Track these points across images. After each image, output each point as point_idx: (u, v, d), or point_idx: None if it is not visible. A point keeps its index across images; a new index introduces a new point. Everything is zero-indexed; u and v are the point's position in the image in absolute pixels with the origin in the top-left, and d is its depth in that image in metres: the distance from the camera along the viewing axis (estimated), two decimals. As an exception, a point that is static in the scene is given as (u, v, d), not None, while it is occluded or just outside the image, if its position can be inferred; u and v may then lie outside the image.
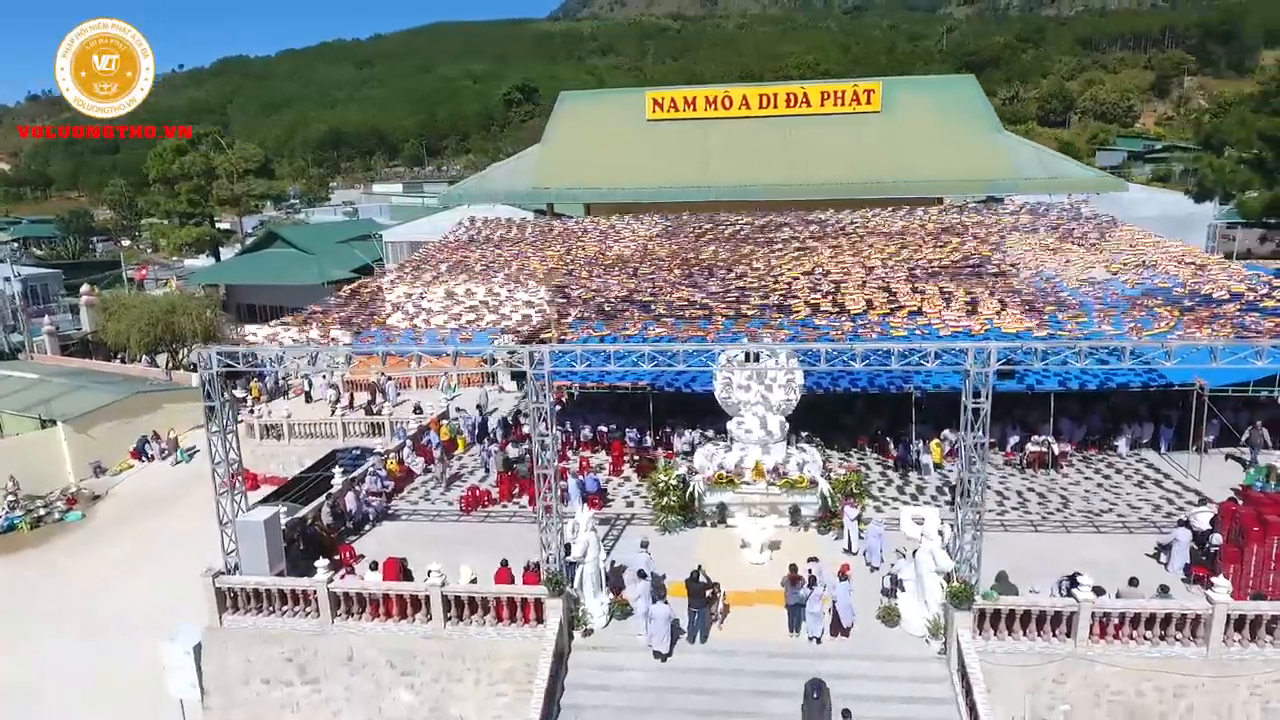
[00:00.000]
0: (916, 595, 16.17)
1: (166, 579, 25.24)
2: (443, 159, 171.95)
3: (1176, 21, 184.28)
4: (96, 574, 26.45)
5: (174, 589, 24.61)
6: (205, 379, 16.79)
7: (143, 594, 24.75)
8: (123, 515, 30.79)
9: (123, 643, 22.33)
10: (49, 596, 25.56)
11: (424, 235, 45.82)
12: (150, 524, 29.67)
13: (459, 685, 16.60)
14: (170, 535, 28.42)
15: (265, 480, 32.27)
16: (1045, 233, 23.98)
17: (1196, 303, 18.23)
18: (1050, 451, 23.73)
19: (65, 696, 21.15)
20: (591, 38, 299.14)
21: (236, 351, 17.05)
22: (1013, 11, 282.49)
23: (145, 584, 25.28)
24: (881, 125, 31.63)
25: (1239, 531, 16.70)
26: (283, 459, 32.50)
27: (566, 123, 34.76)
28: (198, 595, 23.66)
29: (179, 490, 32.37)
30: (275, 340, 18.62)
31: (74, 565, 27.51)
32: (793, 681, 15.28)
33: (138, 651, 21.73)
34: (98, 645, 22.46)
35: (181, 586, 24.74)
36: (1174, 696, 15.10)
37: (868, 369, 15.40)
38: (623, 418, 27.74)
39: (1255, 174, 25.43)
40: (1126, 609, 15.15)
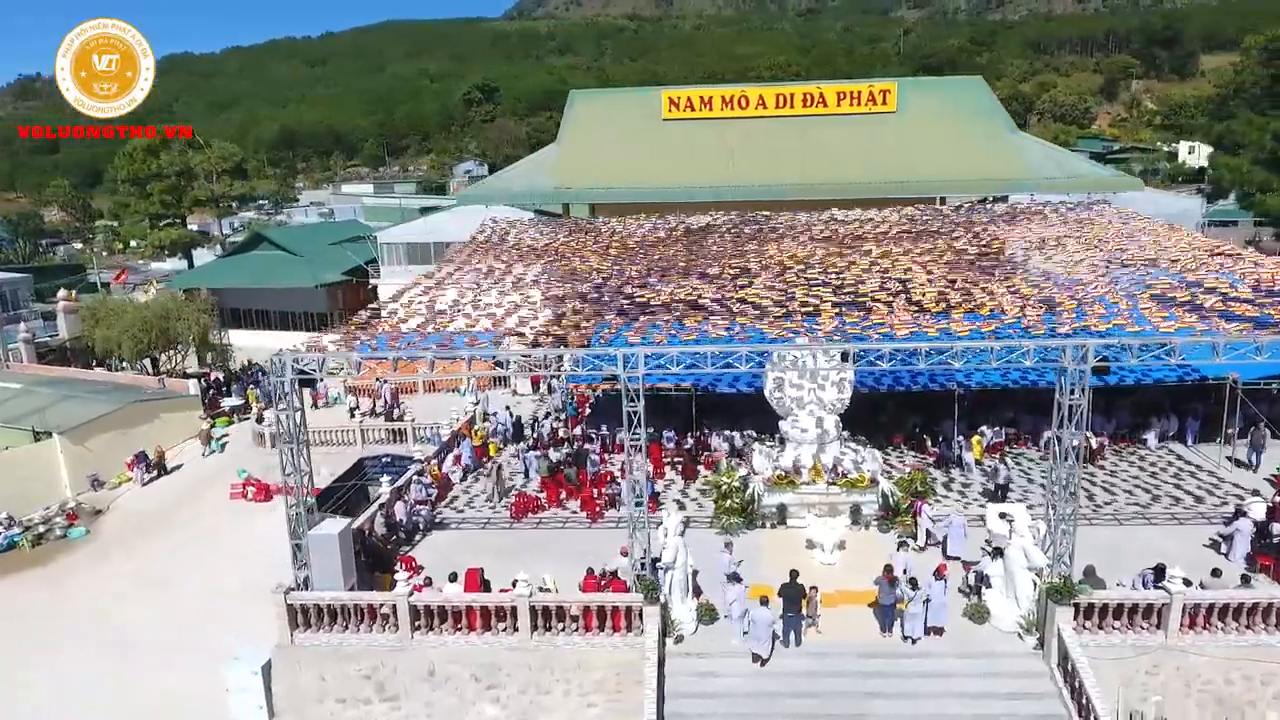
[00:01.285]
0: (1006, 592, 16.28)
1: (186, 598, 24.36)
2: (405, 159, 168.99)
3: (1119, 26, 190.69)
4: (110, 592, 25.27)
5: (197, 608, 23.80)
6: (276, 385, 16.06)
7: (163, 613, 23.76)
8: (129, 531, 29.48)
9: (151, 664, 21.44)
10: (63, 616, 24.35)
11: (420, 237, 45.04)
12: (160, 540, 28.49)
13: (547, 697, 16.21)
14: (182, 552, 27.42)
15: (279, 491, 31.21)
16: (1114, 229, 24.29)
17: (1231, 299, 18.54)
18: (1089, 445, 24.17)
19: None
20: (549, 37, 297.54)
21: (310, 357, 16.32)
22: (960, 16, 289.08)
23: (164, 603, 24.27)
24: (897, 125, 31.99)
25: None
26: (298, 469, 31.50)
27: (581, 123, 34.37)
28: (226, 614, 23.18)
29: (184, 504, 31.20)
30: (344, 344, 17.88)
31: (85, 584, 26.25)
32: (893, 682, 15.32)
33: (171, 673, 20.96)
34: (122, 666, 21.48)
35: (204, 605, 24.00)
36: (1261, 684, 15.46)
37: (948, 368, 15.47)
38: (658, 420, 27.51)
39: (1272, 174, 26.44)
40: (1216, 599, 15.48)
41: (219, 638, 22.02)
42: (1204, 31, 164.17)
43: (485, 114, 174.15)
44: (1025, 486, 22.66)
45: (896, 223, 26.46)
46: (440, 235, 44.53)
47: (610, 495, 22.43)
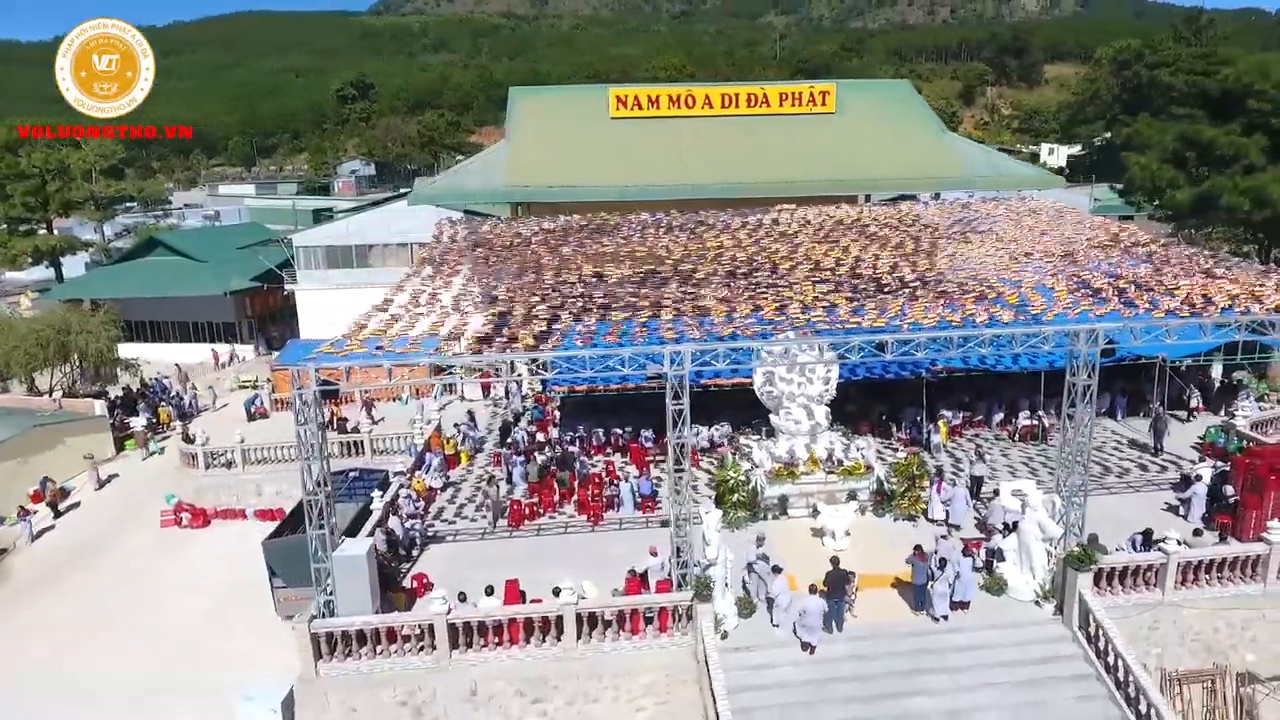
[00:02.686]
0: (1020, 564, 17.30)
1: (141, 638, 22.25)
2: (277, 158, 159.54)
3: (970, 37, 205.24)
4: (49, 641, 22.64)
5: (156, 648, 21.76)
6: (298, 400, 14.94)
7: (121, 658, 21.64)
8: (48, 571, 26.51)
9: (129, 713, 19.49)
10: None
11: (342, 239, 42.86)
12: (89, 578, 25.84)
13: (595, 706, 15.91)
14: (120, 589, 24.96)
15: (217, 514, 29.03)
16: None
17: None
18: (1041, 424, 26.06)
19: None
20: (421, 33, 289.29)
21: (339, 366, 15.22)
22: (826, 23, 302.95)
23: (118, 646, 22.10)
24: (837, 126, 33.23)
25: (1256, 481, 19.23)
26: (237, 489, 29.40)
27: (528, 121, 33.68)
28: (192, 652, 21.38)
29: (109, 536, 28.39)
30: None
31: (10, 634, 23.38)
32: (933, 659, 15.99)
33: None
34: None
35: (163, 644, 21.97)
36: (1241, 629, 17.22)
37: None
38: (622, 419, 27.43)
39: (1179, 172, 29.46)
40: (1204, 557, 17.07)
41: (195, 677, 20.42)
42: (1046, 43, 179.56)
43: (362, 111, 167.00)
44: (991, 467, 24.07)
45: (881, 218, 27.40)
46: (364, 237, 42.54)
47: (609, 497, 22.18)
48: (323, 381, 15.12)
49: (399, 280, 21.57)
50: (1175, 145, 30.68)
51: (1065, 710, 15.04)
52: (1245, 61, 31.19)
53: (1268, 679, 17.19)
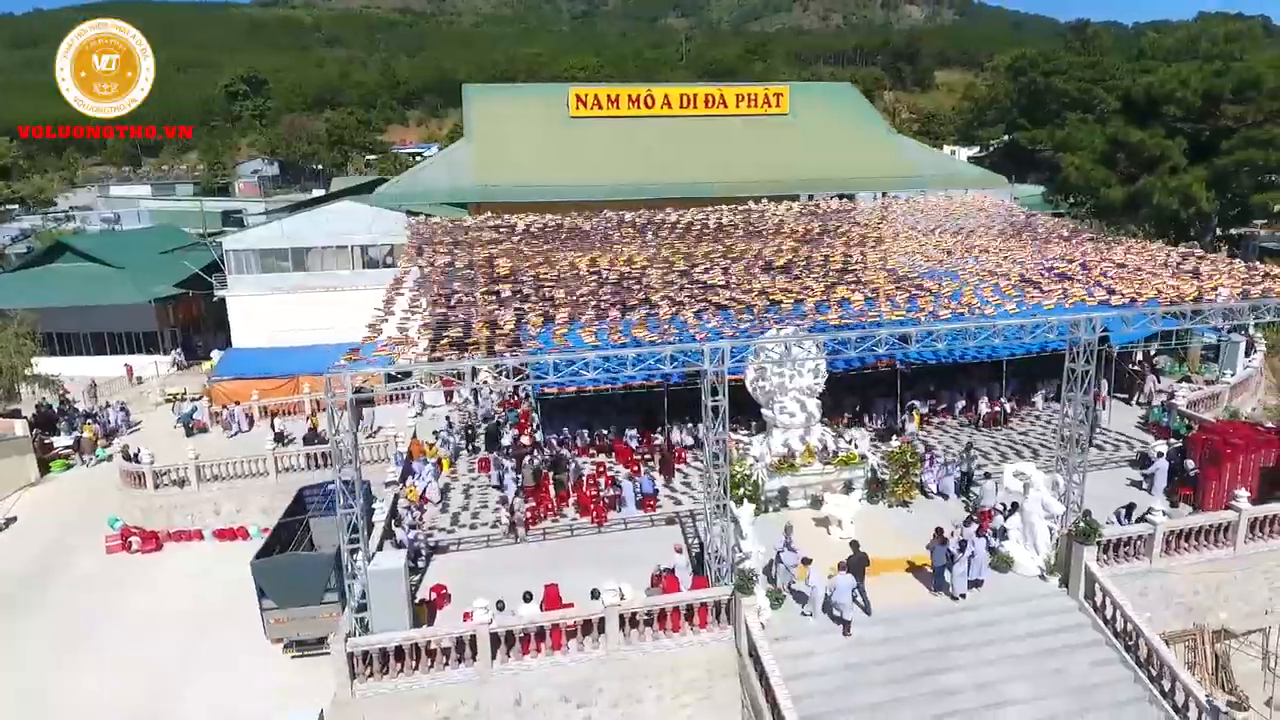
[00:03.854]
0: (1025, 541, 18.32)
1: (116, 676, 20.56)
2: (163, 157, 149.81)
3: (865, 43, 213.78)
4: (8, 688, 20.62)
5: (138, 687, 20.16)
6: (333, 408, 14.25)
7: (101, 698, 19.85)
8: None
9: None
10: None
11: (277, 242, 40.86)
12: (35, 617, 23.67)
13: (640, 706, 15.89)
14: (75, 624, 23.07)
15: (172, 537, 27.24)
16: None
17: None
18: (1004, 410, 27.58)
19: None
20: (314, 27, 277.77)
21: (374, 371, 14.56)
22: (725, 26, 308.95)
23: (92, 688, 20.23)
24: (791, 127, 34.09)
25: (1214, 455, 21.01)
26: (193, 509, 27.68)
27: (486, 119, 33.01)
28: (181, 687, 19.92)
29: (49, 567, 26.09)
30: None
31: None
32: (957, 636, 16.75)
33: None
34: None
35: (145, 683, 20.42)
36: (1216, 590, 18.78)
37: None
38: (604, 419, 27.39)
39: (1110, 172, 31.76)
40: (1185, 526, 18.53)
41: (206, 713, 19.13)
42: (939, 50, 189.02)
43: (255, 108, 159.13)
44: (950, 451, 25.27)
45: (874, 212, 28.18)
46: (301, 240, 40.66)
47: (611, 497, 22.10)
48: (356, 389, 14.40)
49: (393, 282, 20.68)
50: (1105, 147, 33.21)
51: (1083, 676, 16.03)
52: (1164, 71, 34.11)
53: (1241, 634, 18.84)
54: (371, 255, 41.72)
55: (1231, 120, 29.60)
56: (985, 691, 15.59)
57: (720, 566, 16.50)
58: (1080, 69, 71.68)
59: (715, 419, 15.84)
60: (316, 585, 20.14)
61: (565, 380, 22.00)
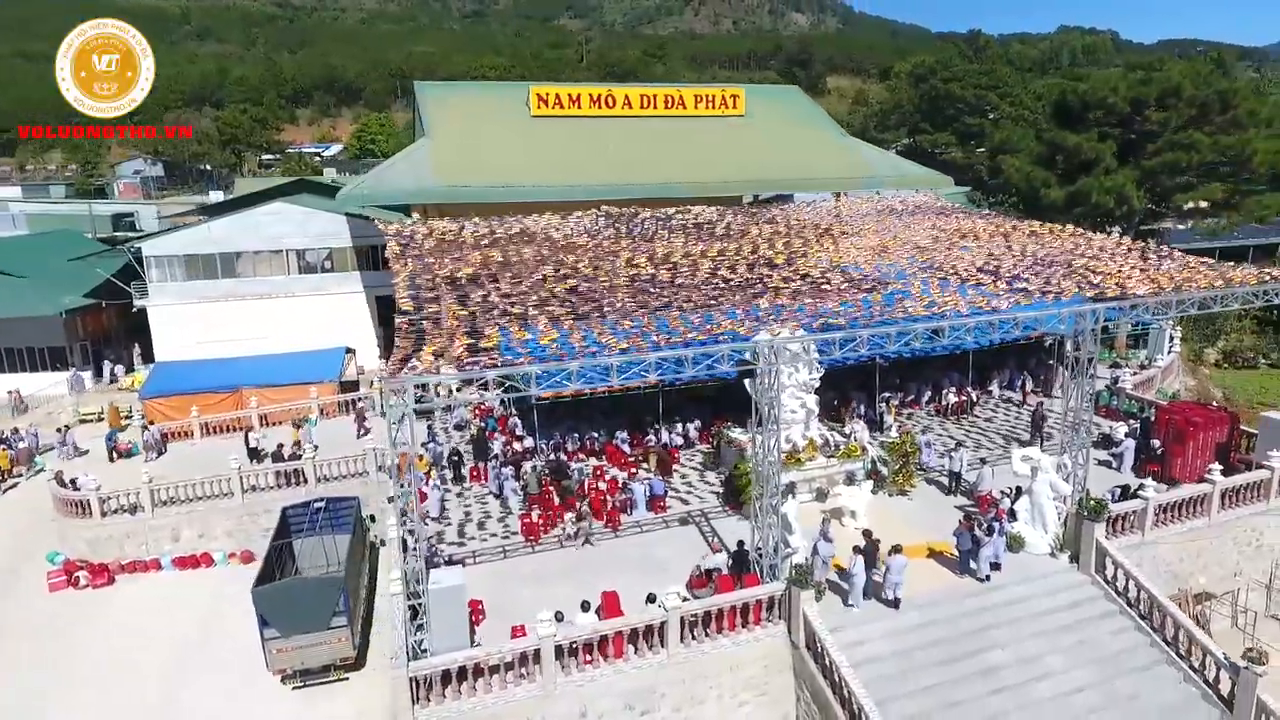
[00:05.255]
0: (1034, 521, 19.32)
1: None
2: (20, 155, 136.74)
3: (758, 48, 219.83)
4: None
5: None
6: (393, 422, 13.45)
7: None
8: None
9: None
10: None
11: (203, 247, 38.20)
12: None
13: (702, 708, 15.82)
14: (31, 674, 20.65)
15: (125, 569, 25.00)
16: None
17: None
18: (970, 399, 29.00)
19: None
20: (183, 19, 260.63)
21: (430, 381, 13.79)
22: (619, 28, 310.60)
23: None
24: (748, 128, 34.65)
25: (1178, 433, 22.81)
26: (147, 538, 25.45)
27: (445, 118, 31.88)
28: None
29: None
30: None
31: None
32: (988, 615, 17.51)
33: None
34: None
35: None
36: (1196, 557, 20.41)
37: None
38: (593, 423, 27.11)
39: (1050, 173, 33.97)
40: (1171, 499, 20.03)
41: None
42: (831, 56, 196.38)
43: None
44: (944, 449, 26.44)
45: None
46: (231, 244, 38.16)
47: (624, 500, 21.85)
48: (418, 399, 13.63)
49: (396, 286, 19.70)
50: (1041, 149, 35.58)
51: (1106, 644, 17.06)
52: (1094, 78, 36.85)
53: (1219, 595, 20.53)
54: (308, 260, 39.63)
55: (1156, 125, 32.44)
56: (1027, 666, 16.35)
57: (769, 562, 16.59)
58: (975, 76, 76.34)
59: (766, 416, 15.93)
60: (324, 610, 18.99)
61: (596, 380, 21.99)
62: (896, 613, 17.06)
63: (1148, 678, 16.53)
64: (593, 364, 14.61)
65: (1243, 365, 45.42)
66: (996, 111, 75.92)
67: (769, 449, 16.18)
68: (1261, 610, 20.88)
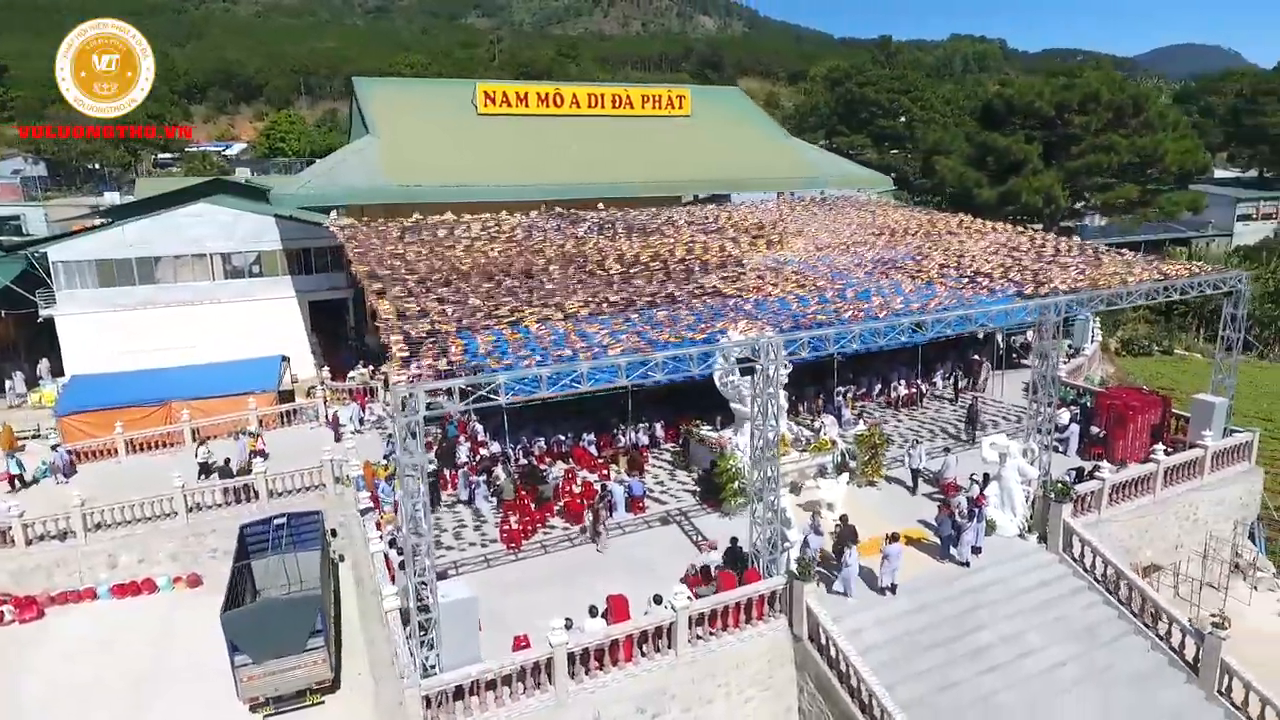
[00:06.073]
0: (1003, 506, 20.17)
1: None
2: None
3: (669, 50, 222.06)
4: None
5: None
6: (403, 427, 12.87)
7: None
8: None
9: None
10: None
11: (117, 252, 35.71)
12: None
13: (711, 707, 15.84)
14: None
15: (55, 600, 23.10)
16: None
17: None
18: (919, 391, 30.05)
19: None
20: (54, 8, 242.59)
21: (447, 387, 13.20)
22: (527, 27, 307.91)
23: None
24: (694, 129, 34.88)
25: (1119, 417, 24.27)
26: (79, 565, 23.61)
27: (389, 114, 30.74)
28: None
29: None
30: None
31: None
32: (972, 597, 18.20)
33: None
34: None
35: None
36: (1144, 533, 21.76)
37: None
38: (557, 426, 26.75)
39: (982, 173, 35.60)
40: (1123, 479, 21.28)
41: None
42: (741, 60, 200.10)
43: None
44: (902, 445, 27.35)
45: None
46: (149, 249, 35.81)
47: (604, 503, 21.60)
48: (429, 404, 13.08)
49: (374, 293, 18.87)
50: (970, 150, 37.28)
51: (1079, 618, 18.00)
52: (1020, 84, 38.88)
53: (1165, 566, 21.95)
54: (235, 264, 37.60)
55: (1078, 128, 34.52)
56: (1012, 644, 17.08)
57: (770, 557, 16.73)
58: (888, 81, 79.35)
59: (768, 411, 16.05)
60: (300, 631, 18.06)
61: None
62: (889, 600, 17.51)
63: (1119, 648, 17.52)
64: (599, 365, 14.39)
65: (1139, 353, 48.94)
66: (909, 115, 79.05)
67: (768, 445, 16.30)
68: (1199, 579, 22.44)
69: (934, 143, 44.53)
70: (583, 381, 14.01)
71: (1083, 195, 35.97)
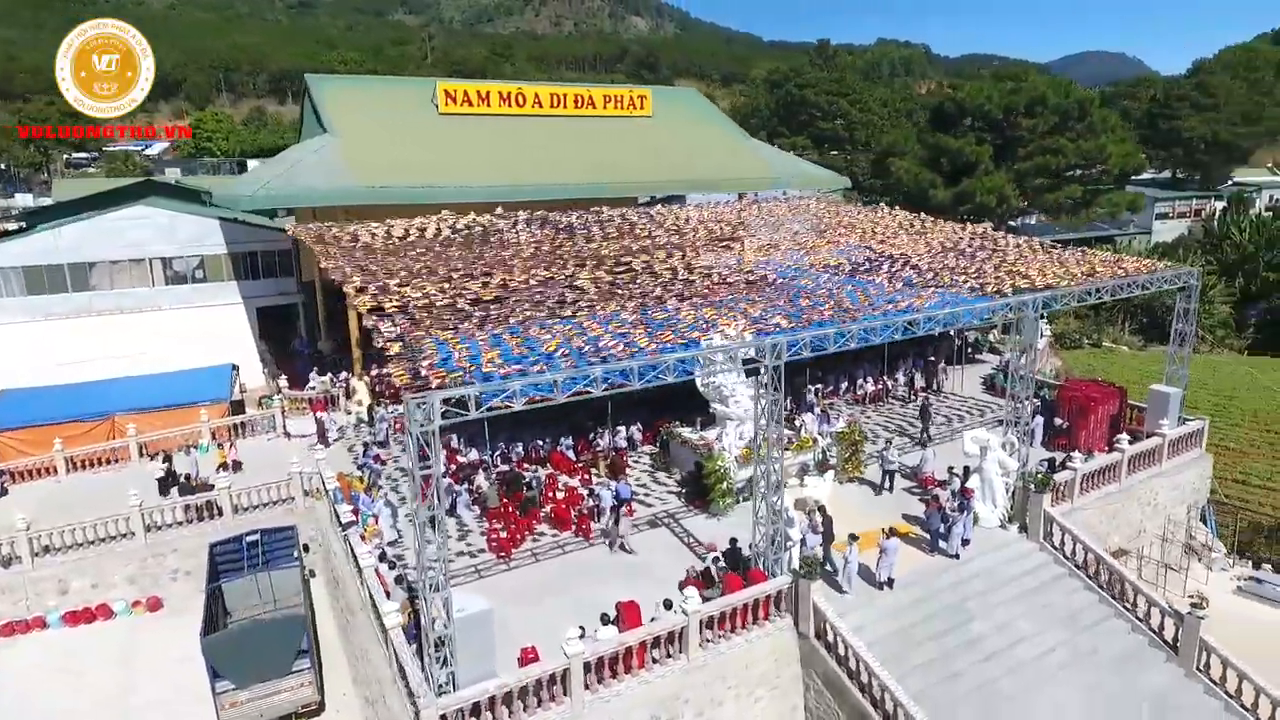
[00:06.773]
0: (984, 497, 20.70)
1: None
2: None
3: (603, 50, 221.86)
4: None
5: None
6: (419, 436, 12.39)
7: None
8: None
9: None
10: None
11: (48, 258, 33.57)
12: None
13: (721, 709, 15.77)
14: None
15: (3, 631, 21.58)
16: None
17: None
18: (886, 388, 30.65)
19: None
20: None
21: (463, 394, 12.75)
22: (457, 25, 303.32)
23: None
24: (656, 130, 34.79)
25: (1081, 409, 25.22)
26: (25, 592, 22.08)
27: (347, 113, 29.64)
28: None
29: None
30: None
31: None
32: (964, 588, 18.62)
33: None
34: None
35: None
36: (1112, 519, 22.66)
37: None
38: (533, 431, 26.31)
39: (936, 174, 36.51)
40: (1093, 468, 22.11)
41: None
42: (670, 60, 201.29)
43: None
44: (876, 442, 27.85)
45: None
46: (83, 254, 33.79)
47: (592, 508, 21.35)
48: (444, 414, 12.62)
49: (352, 294, 18.18)
50: (924, 152, 38.26)
51: (1063, 604, 18.61)
52: (971, 87, 40.11)
53: (1130, 551, 22.90)
54: (177, 269, 35.81)
55: (1025, 131, 35.84)
56: (1005, 632, 17.54)
57: (774, 556, 16.76)
58: (827, 83, 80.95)
59: (771, 411, 16.09)
60: (285, 653, 17.33)
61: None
62: (887, 594, 17.75)
63: (1102, 631, 18.18)
64: (609, 368, 14.16)
65: (1070, 346, 51.17)
66: (847, 117, 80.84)
67: (773, 445, 16.33)
68: (1159, 561, 23.50)
69: (889, 144, 45.69)
70: (596, 386, 13.74)
71: (1029, 195, 37.47)
